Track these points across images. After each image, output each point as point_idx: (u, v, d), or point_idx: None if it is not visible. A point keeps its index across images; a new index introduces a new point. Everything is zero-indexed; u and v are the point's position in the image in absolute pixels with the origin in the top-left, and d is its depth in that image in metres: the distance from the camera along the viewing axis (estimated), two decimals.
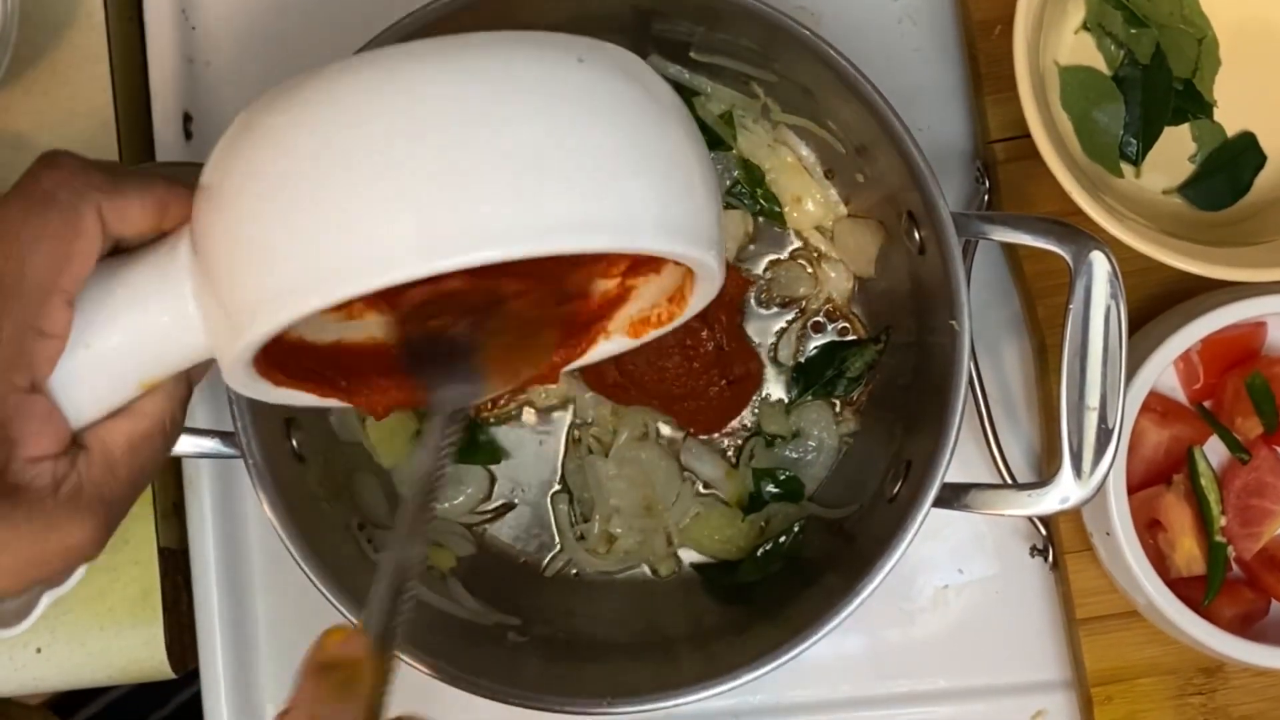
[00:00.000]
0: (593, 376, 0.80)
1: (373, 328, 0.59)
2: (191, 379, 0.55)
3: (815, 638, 0.68)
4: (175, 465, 0.84)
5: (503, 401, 0.82)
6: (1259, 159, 0.81)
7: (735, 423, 0.82)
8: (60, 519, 0.49)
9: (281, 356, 0.54)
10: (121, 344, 0.50)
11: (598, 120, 0.48)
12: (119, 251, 0.51)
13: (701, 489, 0.82)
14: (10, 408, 0.48)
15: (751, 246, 0.82)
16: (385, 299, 0.55)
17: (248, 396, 0.54)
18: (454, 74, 0.47)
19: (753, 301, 0.82)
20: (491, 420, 0.82)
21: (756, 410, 0.82)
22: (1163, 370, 0.76)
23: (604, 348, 0.62)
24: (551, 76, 0.48)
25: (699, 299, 0.58)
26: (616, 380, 0.80)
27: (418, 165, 0.45)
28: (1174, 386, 0.80)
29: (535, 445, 0.83)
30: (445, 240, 0.45)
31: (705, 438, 0.82)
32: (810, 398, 0.81)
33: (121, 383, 0.51)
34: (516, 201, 0.45)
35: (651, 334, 0.60)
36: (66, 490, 0.50)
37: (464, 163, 0.45)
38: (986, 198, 0.81)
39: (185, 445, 0.69)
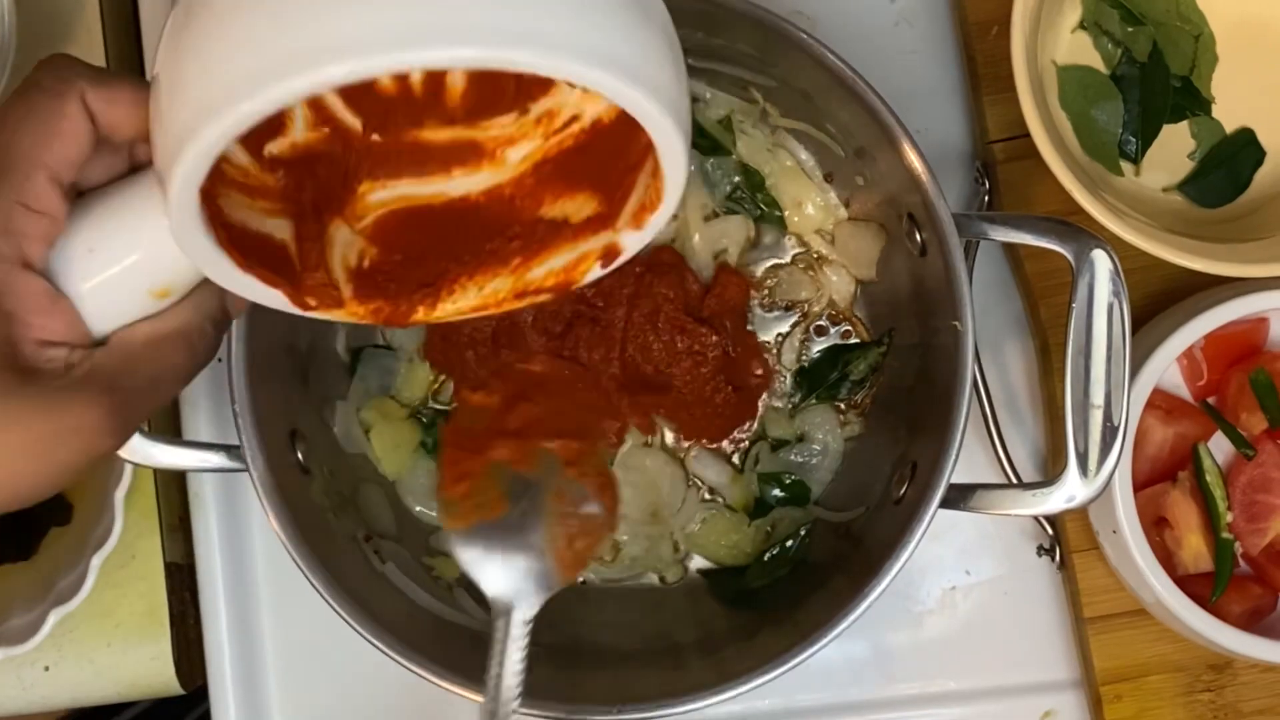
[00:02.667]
0: (600, 390, 0.81)
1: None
2: (229, 306, 0.56)
3: (823, 642, 0.68)
4: (180, 480, 0.84)
5: None
6: (1258, 155, 0.81)
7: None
8: (71, 399, 0.50)
9: (239, 238, 0.53)
10: (123, 250, 0.51)
11: None
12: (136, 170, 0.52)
13: (707, 495, 0.82)
14: (1, 278, 0.49)
15: (753, 251, 0.82)
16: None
17: (209, 274, 0.52)
18: None
19: (755, 306, 0.82)
20: None
21: (761, 415, 0.82)
22: (1166, 367, 0.76)
23: (626, 245, 0.58)
24: None
25: (670, 174, 0.53)
26: (621, 385, 0.80)
27: None
28: (1178, 384, 0.80)
29: None
30: (371, 37, 0.43)
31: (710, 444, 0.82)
32: (814, 401, 0.81)
33: (132, 290, 0.52)
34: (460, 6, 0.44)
35: (652, 219, 0.56)
36: (79, 374, 0.50)
37: None
38: (987, 198, 0.81)
39: (190, 459, 0.69)
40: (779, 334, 0.82)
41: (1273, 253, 0.75)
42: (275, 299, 0.54)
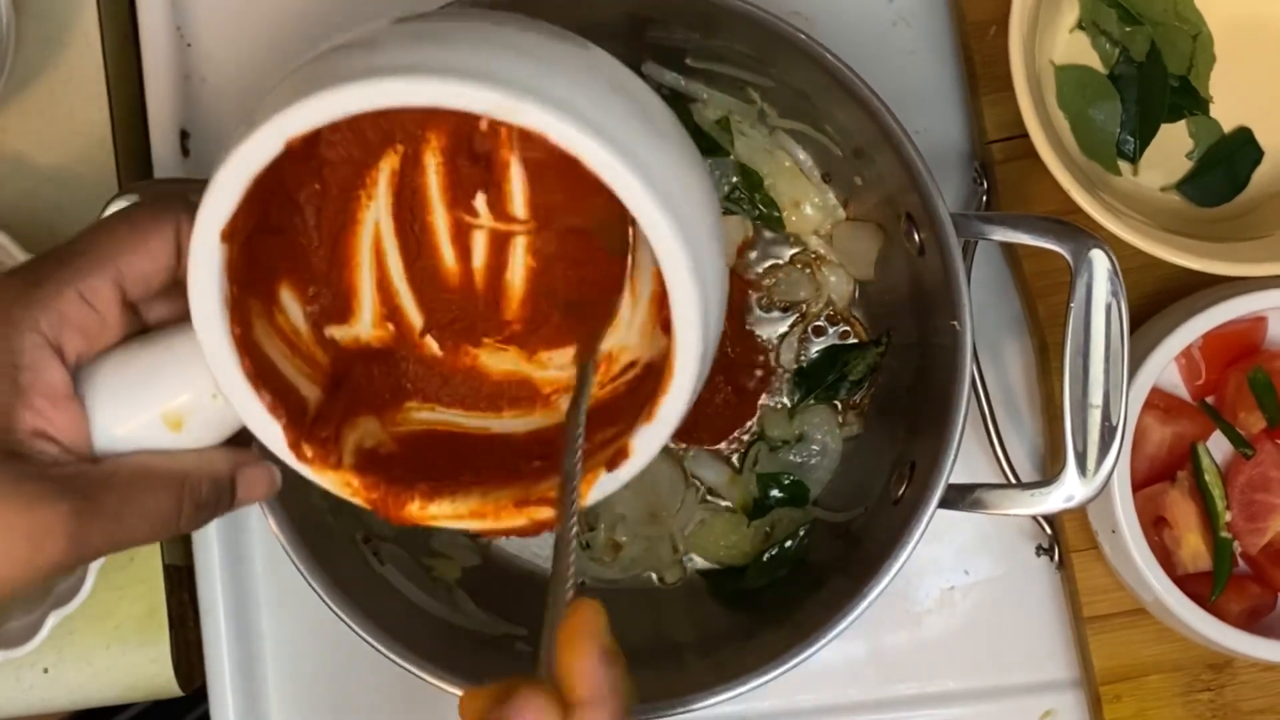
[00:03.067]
0: None
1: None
2: (240, 487, 0.54)
3: (823, 642, 0.68)
4: None
5: None
6: (1256, 154, 0.81)
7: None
8: (42, 492, 0.47)
9: (262, 366, 0.52)
10: (149, 366, 0.51)
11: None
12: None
13: (706, 495, 0.82)
14: (28, 349, 0.48)
15: (751, 252, 0.82)
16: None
17: (216, 374, 0.51)
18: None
19: (754, 306, 0.82)
20: None
21: (759, 415, 0.82)
22: (1165, 367, 0.76)
23: (636, 448, 0.55)
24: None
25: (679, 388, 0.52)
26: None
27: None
28: (1176, 383, 0.80)
29: None
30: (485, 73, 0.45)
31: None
32: (813, 401, 0.81)
33: (145, 405, 0.51)
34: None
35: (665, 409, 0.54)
36: (58, 474, 0.48)
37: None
38: (985, 198, 0.81)
39: None
40: (777, 334, 0.82)
41: (1270, 252, 0.75)
42: (272, 434, 0.52)
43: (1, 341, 0.48)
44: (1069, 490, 0.67)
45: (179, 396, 0.51)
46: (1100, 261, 0.66)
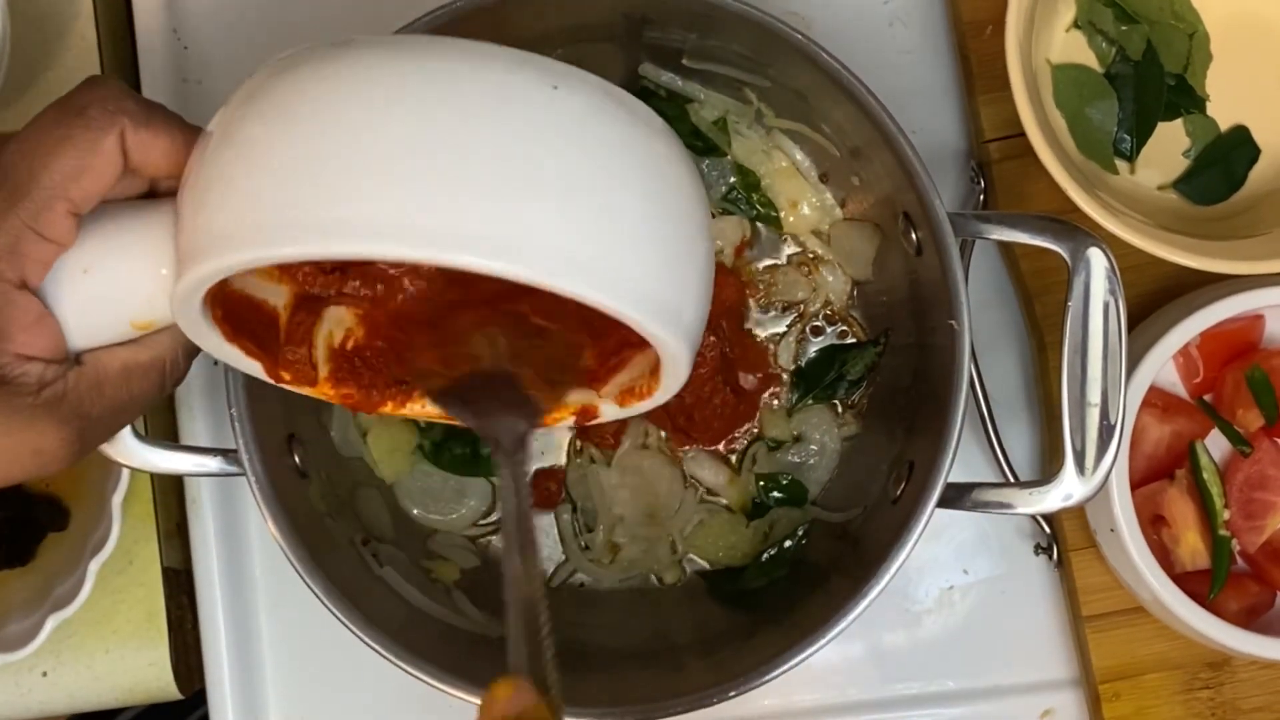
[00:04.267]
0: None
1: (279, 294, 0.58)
2: (192, 347, 0.56)
3: (822, 642, 0.68)
4: (178, 485, 0.84)
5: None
6: (1253, 152, 0.81)
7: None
8: (35, 419, 0.51)
9: (232, 306, 0.54)
10: (115, 279, 0.52)
11: (619, 170, 0.48)
12: (150, 194, 0.53)
13: (705, 496, 0.82)
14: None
15: (748, 252, 0.82)
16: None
17: (197, 344, 0.55)
18: (480, 71, 0.48)
19: (752, 307, 0.82)
20: None
21: (758, 415, 0.82)
22: (1162, 365, 0.76)
23: (604, 412, 0.61)
24: (566, 108, 0.48)
25: (666, 383, 0.56)
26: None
27: (407, 151, 0.46)
28: (1174, 381, 0.80)
29: (537, 456, 0.82)
30: (417, 230, 0.45)
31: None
32: (811, 401, 0.81)
33: (115, 317, 0.53)
34: (494, 215, 0.45)
35: (636, 407, 0.59)
36: (48, 394, 0.51)
37: (459, 161, 0.46)
38: (982, 197, 0.81)
39: (187, 464, 0.69)
40: (775, 334, 0.82)
41: (1268, 249, 0.75)
42: (253, 368, 0.56)
43: None
44: (1067, 489, 0.67)
45: (144, 311, 0.53)
46: (1098, 260, 0.66)
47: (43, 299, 0.51)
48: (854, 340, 0.82)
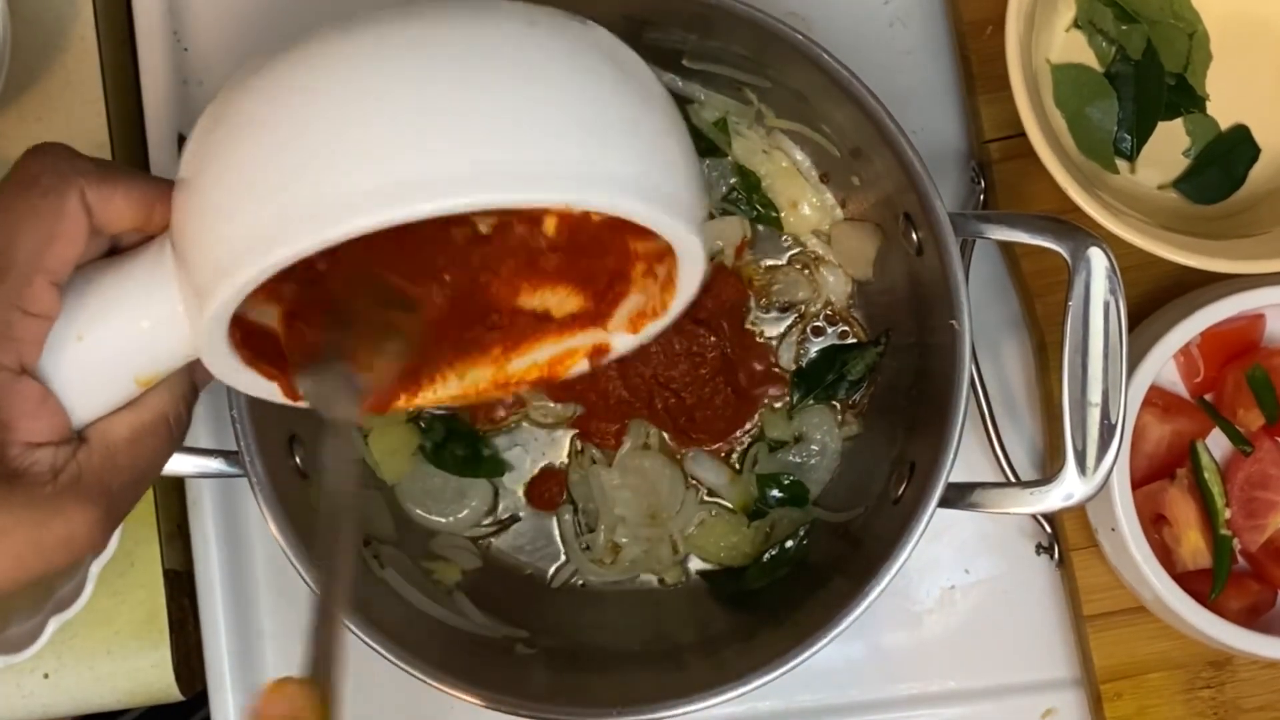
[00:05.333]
0: (598, 397, 0.80)
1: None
2: (196, 381, 0.55)
3: (823, 642, 0.68)
4: (179, 487, 0.84)
5: (504, 415, 0.82)
6: (1253, 151, 0.81)
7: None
8: (60, 506, 0.49)
9: (258, 341, 0.54)
10: (112, 338, 0.51)
11: (578, 80, 0.48)
12: (113, 252, 0.52)
13: (706, 496, 0.82)
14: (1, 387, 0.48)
15: (749, 252, 0.82)
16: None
17: (229, 385, 0.54)
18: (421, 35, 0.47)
19: (752, 307, 0.82)
20: (494, 431, 0.82)
21: (758, 416, 0.82)
22: (1163, 365, 0.76)
23: (616, 346, 0.59)
24: (538, 38, 0.49)
25: (686, 282, 0.55)
26: (622, 398, 0.80)
27: (377, 119, 0.46)
28: (1175, 381, 0.80)
29: (539, 457, 0.83)
30: (406, 187, 0.45)
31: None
32: (812, 402, 0.81)
33: (116, 378, 0.52)
34: (477, 148, 0.45)
35: (650, 327, 0.58)
36: (65, 479, 0.50)
37: (426, 110, 0.46)
38: (982, 197, 0.81)
39: (188, 466, 0.69)
40: (776, 335, 0.82)
41: (1268, 248, 0.75)
42: (270, 391, 0.55)
43: None
44: (1068, 488, 0.67)
45: (147, 365, 0.52)
46: (1098, 260, 0.66)
47: (42, 379, 0.50)
48: (855, 340, 0.82)
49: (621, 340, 0.57)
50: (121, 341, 0.51)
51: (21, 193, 0.49)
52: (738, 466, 0.82)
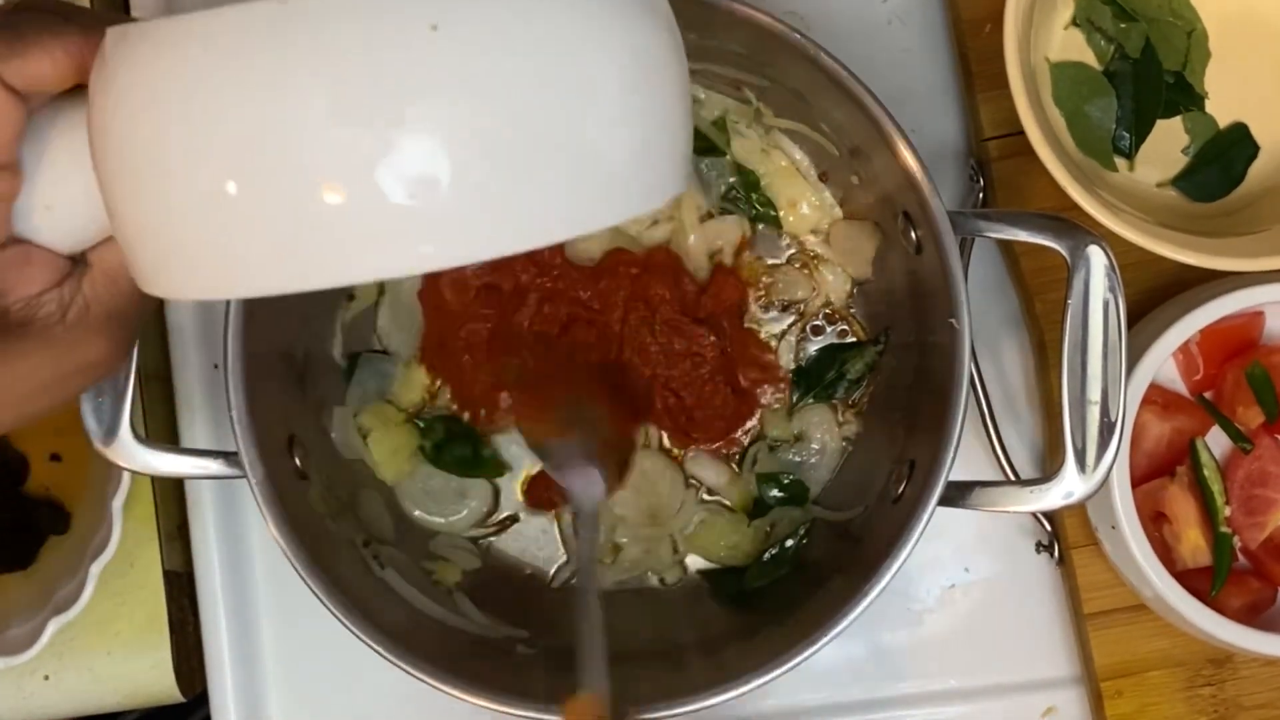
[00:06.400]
0: (600, 405, 0.81)
1: None
2: None
3: (824, 641, 0.68)
4: (178, 488, 0.84)
5: (502, 417, 0.82)
6: (1252, 149, 0.81)
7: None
8: (74, 339, 0.51)
9: None
10: (81, 192, 0.49)
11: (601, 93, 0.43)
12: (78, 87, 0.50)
13: (706, 496, 0.82)
14: None
15: (748, 252, 0.82)
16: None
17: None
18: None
19: (751, 306, 0.82)
20: (493, 432, 0.82)
21: (758, 415, 0.82)
22: (1162, 362, 0.76)
23: None
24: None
25: None
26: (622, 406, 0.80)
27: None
28: (1174, 378, 0.80)
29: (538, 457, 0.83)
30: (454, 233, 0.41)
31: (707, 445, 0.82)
32: (812, 401, 0.81)
33: (95, 216, 0.49)
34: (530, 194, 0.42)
35: None
36: (74, 313, 0.51)
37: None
38: (981, 195, 0.81)
39: (188, 467, 0.69)
40: (775, 334, 0.82)
41: (1267, 246, 0.75)
42: None
43: None
44: (1068, 487, 0.67)
45: None
46: (1097, 258, 0.66)
47: (23, 237, 0.50)
48: (854, 339, 0.82)
49: None
50: (91, 190, 0.48)
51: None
52: (737, 466, 0.82)
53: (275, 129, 0.40)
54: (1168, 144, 0.81)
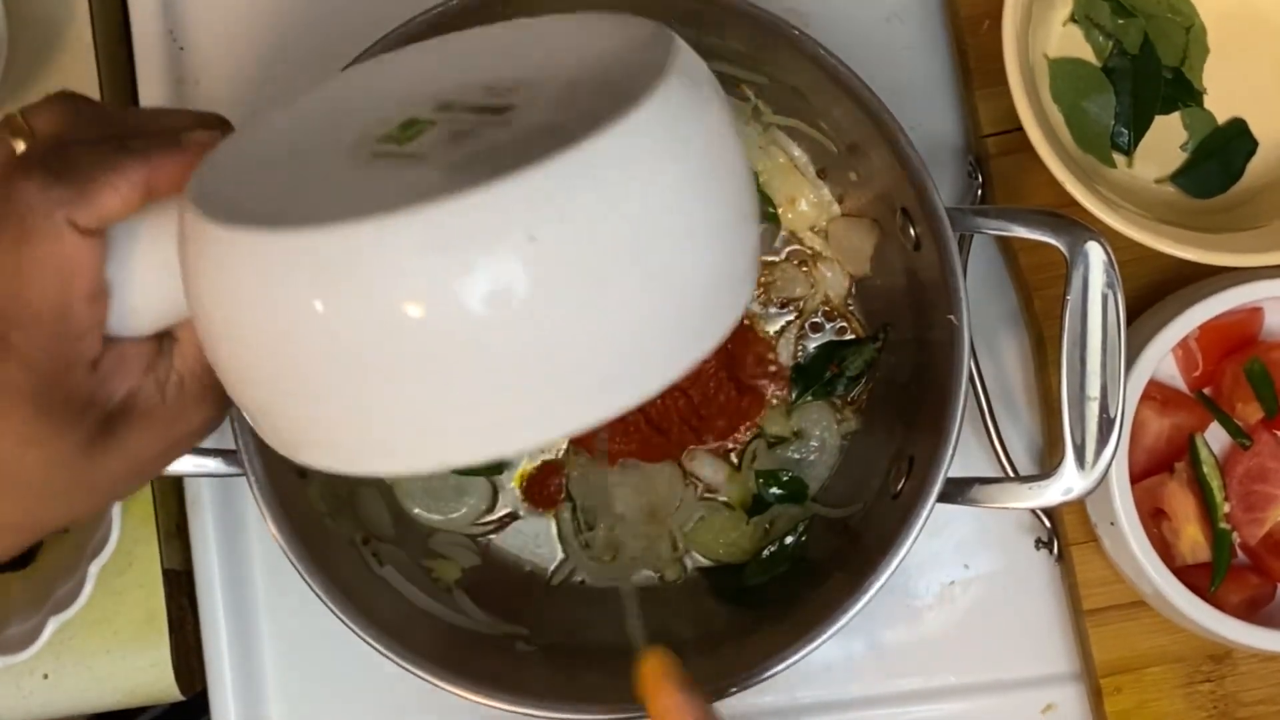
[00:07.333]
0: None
1: None
2: None
3: (823, 637, 0.68)
4: (177, 486, 0.84)
5: None
6: (1250, 145, 0.81)
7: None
8: (175, 413, 0.52)
9: None
10: (162, 291, 0.50)
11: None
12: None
13: (705, 493, 0.82)
14: (90, 387, 0.50)
15: None
16: None
17: None
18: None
19: (750, 303, 0.82)
20: None
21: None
22: (1161, 358, 0.76)
23: None
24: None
25: None
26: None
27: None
28: (1173, 374, 0.80)
29: (537, 454, 0.82)
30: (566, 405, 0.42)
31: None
32: (810, 398, 0.81)
33: (178, 302, 0.50)
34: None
35: None
36: (172, 390, 0.52)
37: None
38: (980, 192, 0.81)
39: (187, 465, 0.69)
40: (774, 331, 0.82)
41: (1266, 242, 0.75)
42: None
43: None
44: (1067, 483, 0.67)
45: None
46: (1096, 254, 0.66)
47: (113, 337, 0.51)
48: (853, 336, 0.82)
49: None
50: (169, 284, 0.49)
51: (14, 247, 0.47)
52: (736, 463, 0.82)
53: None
54: (1166, 140, 0.81)
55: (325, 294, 0.40)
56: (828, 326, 0.82)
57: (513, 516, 0.83)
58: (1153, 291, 0.80)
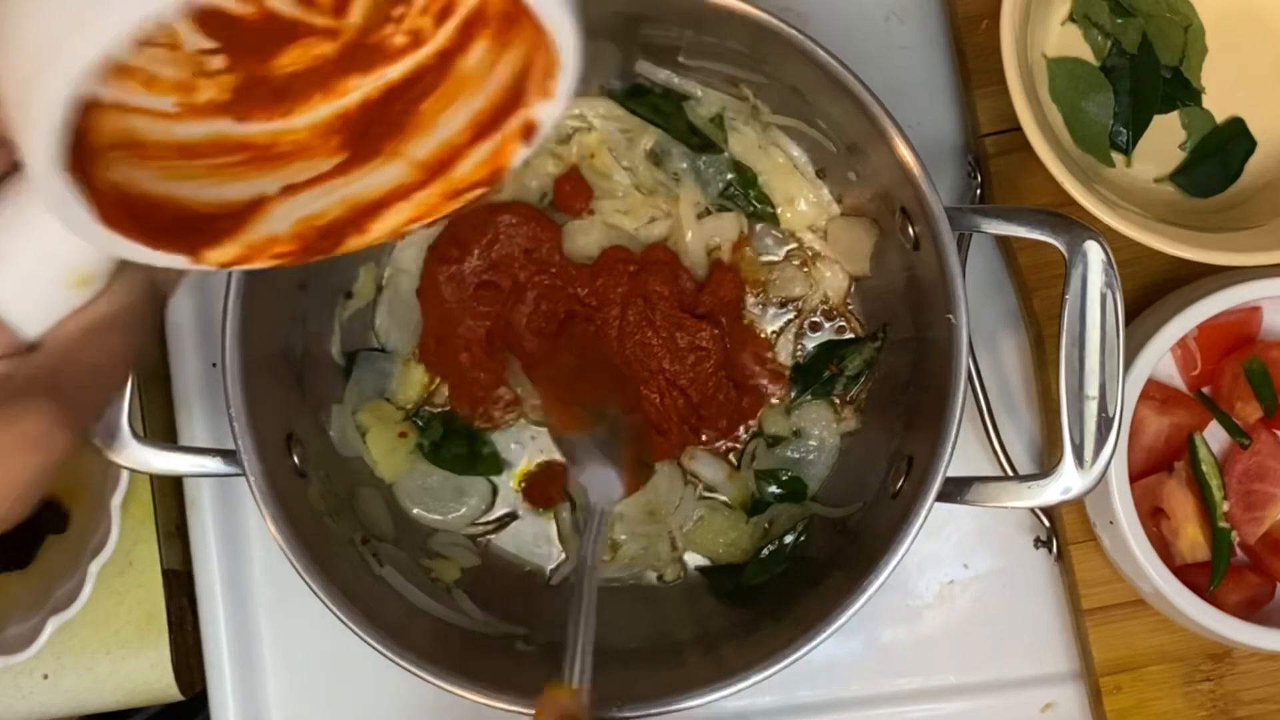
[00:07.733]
0: (628, 411, 0.81)
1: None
2: (156, 280, 0.53)
3: (822, 636, 0.68)
4: (177, 486, 0.84)
5: (500, 414, 0.82)
6: (1249, 144, 0.81)
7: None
8: (18, 414, 0.49)
9: (141, 210, 0.48)
10: (21, 244, 0.48)
11: None
12: None
13: (704, 492, 0.82)
14: None
15: (746, 249, 0.82)
16: None
17: (96, 247, 0.48)
18: None
19: (750, 303, 0.82)
20: (491, 429, 0.82)
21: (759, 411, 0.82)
22: (1160, 358, 0.76)
23: (543, 117, 0.50)
24: None
25: (557, 35, 0.46)
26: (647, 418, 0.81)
27: None
28: (1172, 374, 0.80)
29: (536, 454, 0.83)
30: None
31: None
32: (810, 397, 0.81)
33: (48, 281, 0.49)
34: None
35: (558, 85, 0.48)
36: (16, 385, 0.50)
37: None
38: (979, 191, 0.82)
39: (186, 465, 0.69)
40: (774, 331, 0.82)
41: (1265, 241, 0.75)
42: (177, 261, 0.49)
43: None
44: (1066, 482, 0.67)
45: (75, 264, 0.49)
46: (1095, 253, 0.66)
47: None
48: (852, 336, 0.82)
49: (544, 110, 0.49)
50: (33, 245, 0.48)
51: None
52: (736, 463, 0.82)
53: None
54: (1165, 139, 0.81)
55: None
56: (827, 326, 0.82)
57: (512, 516, 0.83)
58: (1151, 290, 0.80)
